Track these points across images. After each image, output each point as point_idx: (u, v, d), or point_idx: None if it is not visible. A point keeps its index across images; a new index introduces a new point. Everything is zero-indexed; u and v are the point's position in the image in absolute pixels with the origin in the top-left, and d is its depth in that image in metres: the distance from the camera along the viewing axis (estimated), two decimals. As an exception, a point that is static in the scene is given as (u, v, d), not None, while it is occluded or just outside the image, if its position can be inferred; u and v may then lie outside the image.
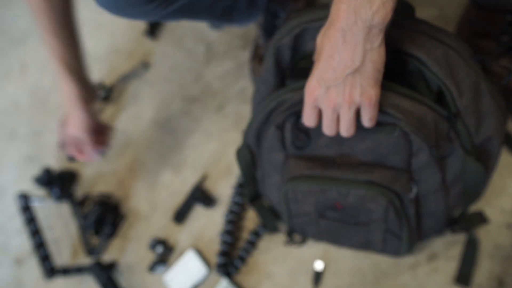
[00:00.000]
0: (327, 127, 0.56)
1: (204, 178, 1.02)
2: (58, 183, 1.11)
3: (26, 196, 1.04)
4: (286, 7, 0.89)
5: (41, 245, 0.99)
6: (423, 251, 0.81)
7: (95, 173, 1.15)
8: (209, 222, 0.98)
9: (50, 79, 1.36)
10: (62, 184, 1.11)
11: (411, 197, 0.64)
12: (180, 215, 1.00)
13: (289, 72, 0.67)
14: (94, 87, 0.78)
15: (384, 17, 0.47)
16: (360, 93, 0.51)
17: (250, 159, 0.74)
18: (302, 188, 0.67)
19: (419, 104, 0.56)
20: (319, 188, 0.66)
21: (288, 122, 0.63)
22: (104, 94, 1.20)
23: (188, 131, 1.09)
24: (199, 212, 1.00)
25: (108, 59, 1.27)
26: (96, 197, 1.09)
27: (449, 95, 0.57)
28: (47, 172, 1.11)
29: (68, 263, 1.06)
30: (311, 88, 0.54)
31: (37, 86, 1.37)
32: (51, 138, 1.25)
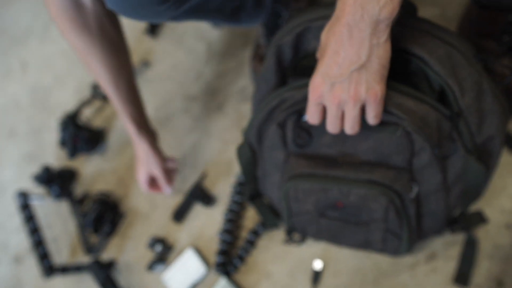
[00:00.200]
0: (331, 125, 0.56)
1: (203, 176, 1.02)
2: (58, 181, 1.11)
3: (25, 194, 1.03)
4: (289, 6, 0.89)
5: (40, 243, 0.98)
6: (422, 251, 0.81)
7: (94, 171, 1.15)
8: (208, 221, 0.98)
9: (50, 78, 1.36)
10: (61, 182, 1.11)
11: (411, 196, 0.64)
12: (180, 214, 1.00)
13: (290, 71, 0.67)
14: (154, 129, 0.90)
15: (391, 11, 0.46)
16: (366, 89, 0.51)
17: (250, 157, 0.74)
18: (303, 187, 0.67)
19: (421, 103, 0.56)
20: (320, 187, 0.66)
21: (290, 120, 0.63)
22: (103, 93, 1.20)
23: (188, 129, 1.09)
24: (199, 211, 0.99)
25: (108, 58, 1.27)
26: (95, 195, 1.09)
27: (451, 94, 0.57)
28: (46, 170, 1.11)
29: (67, 262, 1.06)
30: (315, 84, 0.53)
31: (37, 85, 1.37)
32: (51, 137, 1.25)
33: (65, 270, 0.99)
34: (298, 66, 0.66)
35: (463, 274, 0.77)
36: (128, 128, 0.86)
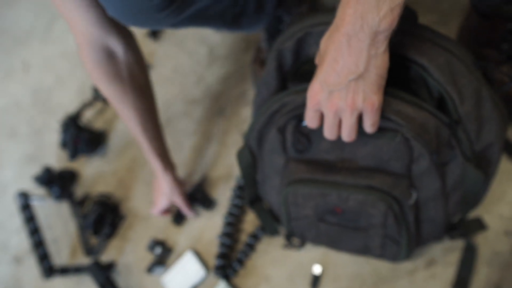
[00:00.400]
0: (328, 131, 0.56)
1: (204, 179, 1.02)
2: (58, 182, 1.11)
3: (26, 195, 1.04)
4: (291, 11, 0.90)
5: (40, 244, 0.99)
6: (421, 257, 0.81)
7: (95, 173, 1.15)
8: (208, 224, 0.98)
9: (51, 79, 1.36)
10: (62, 183, 1.12)
11: (410, 203, 0.64)
12: (180, 217, 1.00)
13: (290, 75, 0.67)
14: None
15: (391, 23, 0.46)
16: (363, 99, 0.51)
17: (251, 161, 0.74)
18: (303, 192, 0.67)
19: (421, 110, 0.56)
20: (319, 192, 0.66)
21: (290, 125, 0.63)
22: (105, 94, 1.21)
23: (189, 132, 1.10)
24: (199, 214, 1.00)
25: (110, 60, 1.27)
26: (95, 197, 1.09)
27: (450, 101, 0.57)
28: (47, 171, 1.12)
29: (67, 263, 1.06)
30: (314, 91, 0.54)
31: (38, 86, 1.37)
32: (52, 138, 1.25)
33: (64, 271, 0.99)
34: (299, 71, 0.66)
35: (462, 280, 0.77)
36: (154, 164, 0.90)
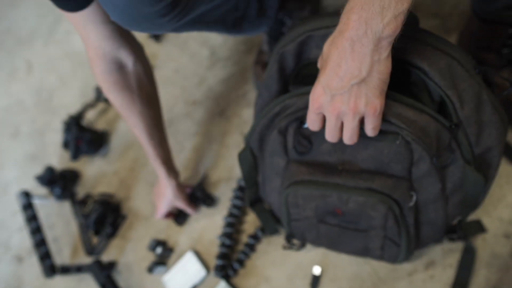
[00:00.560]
0: (330, 134, 0.57)
1: (205, 177, 1.03)
2: (60, 182, 1.12)
3: (27, 194, 1.04)
4: (292, 15, 0.90)
5: (41, 243, 0.99)
6: (421, 258, 0.81)
7: (96, 173, 1.16)
8: (208, 225, 0.98)
9: (54, 80, 1.37)
10: (64, 183, 1.12)
11: (410, 205, 0.64)
12: (181, 217, 1.01)
13: (292, 78, 0.68)
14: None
15: (395, 30, 0.47)
16: (365, 103, 0.52)
17: (252, 162, 0.75)
18: (303, 193, 0.68)
19: (421, 113, 0.56)
20: (320, 194, 0.66)
21: (291, 127, 0.64)
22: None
23: (190, 133, 1.10)
24: (200, 214, 1.00)
25: (112, 61, 1.28)
26: (97, 196, 1.09)
27: (451, 105, 0.57)
28: (49, 171, 1.12)
29: (68, 262, 1.07)
30: (316, 94, 0.54)
31: (41, 86, 1.38)
32: (54, 138, 1.26)
33: (66, 270, 0.99)
34: (300, 73, 0.67)
35: (461, 282, 0.78)
36: (159, 170, 0.91)
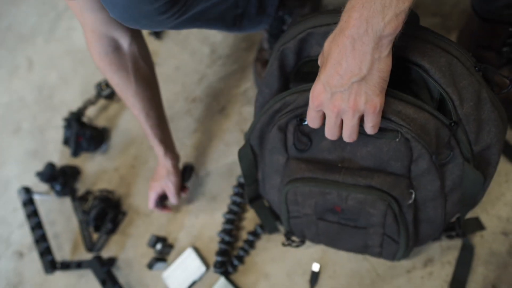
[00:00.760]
0: (330, 132, 0.57)
1: (193, 165, 1.05)
2: (61, 178, 1.12)
3: (28, 190, 1.05)
4: (293, 12, 0.90)
5: (42, 239, 0.99)
6: (419, 256, 0.82)
7: (97, 169, 1.16)
8: (208, 221, 0.99)
9: (55, 77, 1.37)
10: (64, 179, 1.13)
11: (409, 203, 0.65)
12: (161, 200, 1.01)
13: (292, 75, 0.68)
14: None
15: (395, 28, 0.47)
16: (365, 101, 0.52)
17: (252, 159, 0.75)
18: (303, 190, 0.68)
19: (421, 111, 0.57)
20: (319, 191, 0.67)
21: (291, 124, 0.64)
22: (107, 92, 1.21)
23: (190, 130, 1.11)
24: (199, 210, 1.01)
25: (113, 58, 1.28)
26: (97, 193, 1.10)
27: (450, 103, 0.57)
28: (50, 167, 1.13)
29: (69, 258, 1.07)
30: (316, 92, 0.54)
31: (42, 83, 1.38)
32: (55, 134, 1.26)
33: (66, 266, 1.00)
34: (300, 71, 0.67)
35: (459, 280, 0.78)
36: (156, 148, 0.93)
